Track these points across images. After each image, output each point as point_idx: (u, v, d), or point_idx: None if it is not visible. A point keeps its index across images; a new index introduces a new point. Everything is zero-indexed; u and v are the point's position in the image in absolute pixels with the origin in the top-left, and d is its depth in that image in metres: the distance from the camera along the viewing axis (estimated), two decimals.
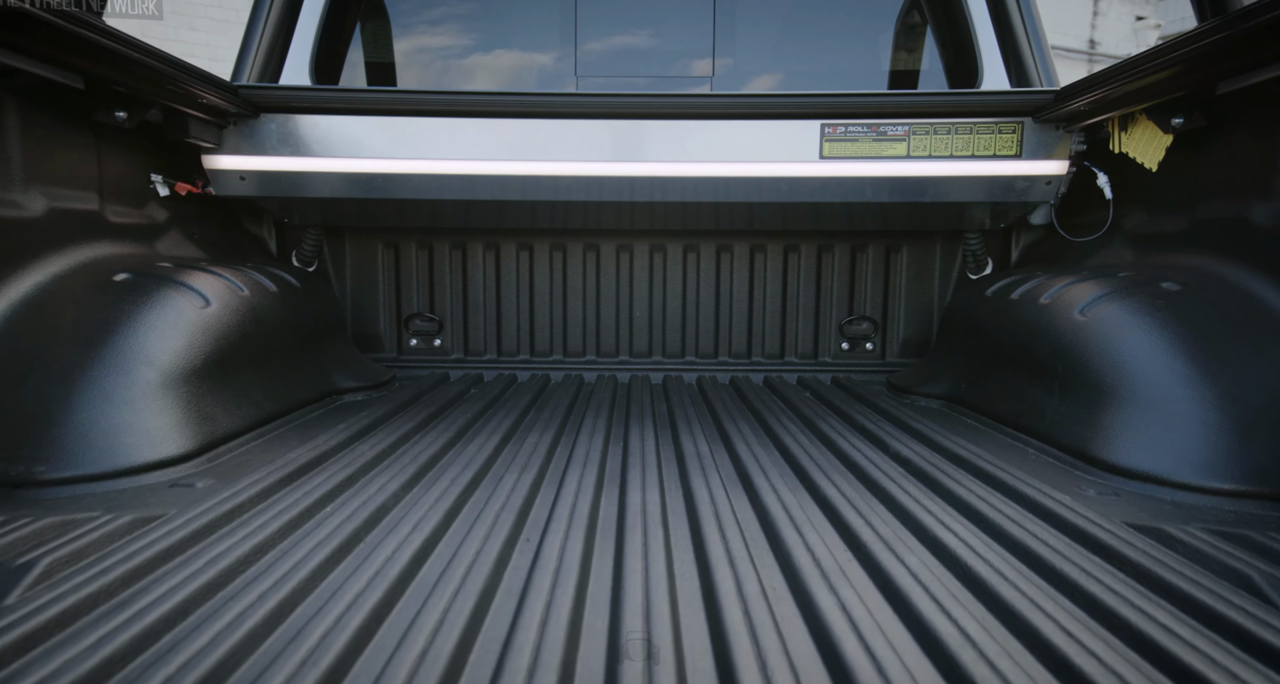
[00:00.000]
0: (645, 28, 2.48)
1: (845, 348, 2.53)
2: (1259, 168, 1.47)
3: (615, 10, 2.47)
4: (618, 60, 2.46)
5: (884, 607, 0.87)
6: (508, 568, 0.98)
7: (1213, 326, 1.38)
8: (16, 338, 1.33)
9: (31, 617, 0.78)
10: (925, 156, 1.99)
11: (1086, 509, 1.14)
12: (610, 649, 0.78)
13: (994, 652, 0.74)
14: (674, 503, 1.24)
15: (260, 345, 1.71)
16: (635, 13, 2.48)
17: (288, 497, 1.19)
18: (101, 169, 1.68)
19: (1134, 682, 0.68)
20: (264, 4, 2.16)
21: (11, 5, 1.22)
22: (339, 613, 0.81)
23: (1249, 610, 0.82)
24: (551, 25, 2.47)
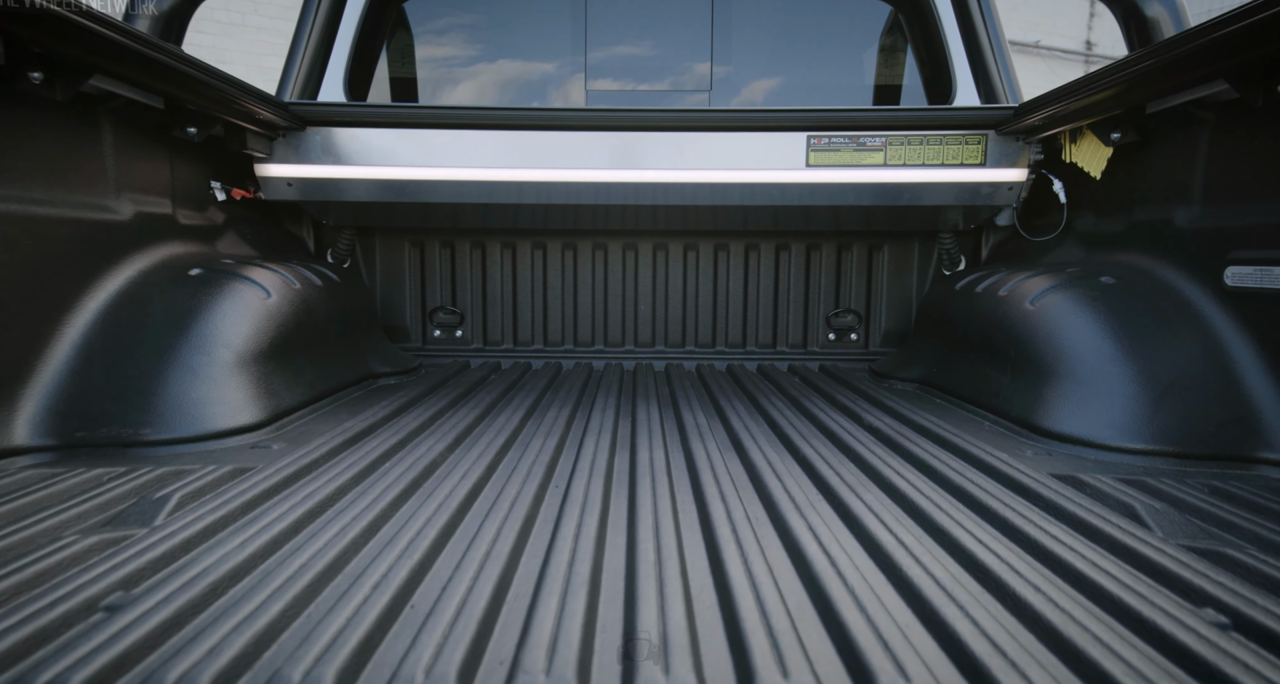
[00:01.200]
0: (649, 44, 2.71)
1: (832, 338, 2.77)
2: (1180, 177, 1.70)
3: (621, 27, 2.70)
4: (624, 73, 2.70)
5: (843, 530, 1.10)
6: (543, 504, 1.21)
7: (1137, 315, 1.62)
8: (119, 323, 1.56)
9: (177, 533, 1.01)
10: (900, 165, 2.23)
11: (1020, 464, 1.37)
12: (629, 557, 1.01)
13: (926, 559, 0.97)
14: (676, 460, 1.47)
15: (311, 333, 1.94)
16: (639, 30, 2.71)
17: (351, 455, 1.42)
18: (173, 177, 1.92)
19: (1030, 578, 0.91)
20: (305, 28, 2.39)
21: (117, 39, 1.45)
22: (414, 532, 1.05)
23: (1125, 528, 1.05)
24: (563, 42, 2.70)
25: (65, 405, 1.45)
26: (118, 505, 1.14)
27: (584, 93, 2.66)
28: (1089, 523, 1.08)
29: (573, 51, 2.66)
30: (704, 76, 2.69)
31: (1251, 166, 1.53)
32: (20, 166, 1.43)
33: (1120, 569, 0.92)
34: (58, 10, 1.29)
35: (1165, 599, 0.84)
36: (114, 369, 1.51)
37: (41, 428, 1.41)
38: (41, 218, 1.46)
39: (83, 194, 1.59)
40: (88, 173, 1.62)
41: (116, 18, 1.50)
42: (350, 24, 2.48)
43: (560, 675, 0.69)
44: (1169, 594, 0.85)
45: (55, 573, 0.90)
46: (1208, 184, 1.64)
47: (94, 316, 1.56)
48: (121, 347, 1.54)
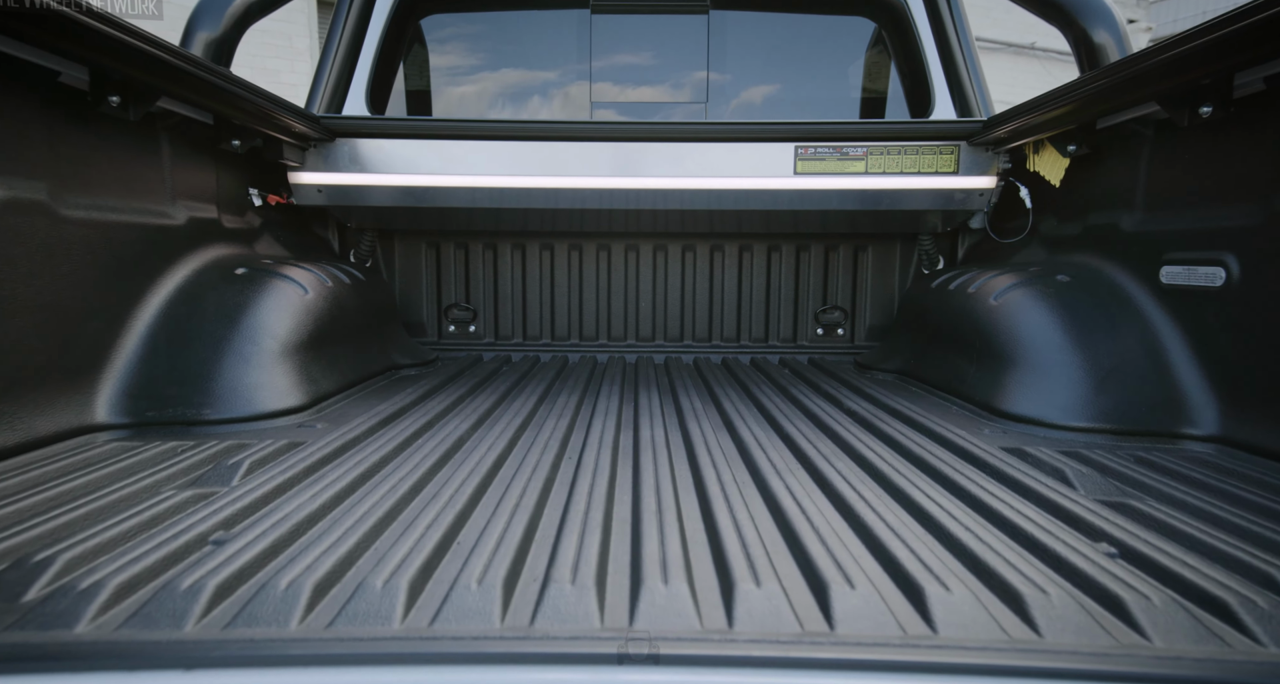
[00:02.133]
0: (648, 59, 2.90)
1: (820, 333, 2.96)
2: (1126, 186, 1.90)
3: (623, 45, 2.89)
4: (625, 87, 2.89)
5: (815, 489, 1.29)
6: (559, 471, 1.41)
7: (1085, 310, 1.81)
8: (178, 316, 1.76)
9: (254, 490, 1.20)
10: (880, 173, 2.42)
11: (976, 439, 1.57)
12: (634, 509, 1.20)
13: (881, 509, 1.16)
14: (674, 437, 1.67)
15: (342, 326, 2.14)
16: (640, 46, 2.90)
17: (388, 433, 1.62)
18: (218, 186, 2.11)
19: (963, 521, 1.10)
20: (333, 45, 2.59)
21: (182, 66, 1.65)
22: (453, 490, 1.24)
23: (1052, 487, 1.24)
24: (569, 58, 2.89)
25: (136, 389, 1.64)
26: (198, 470, 1.34)
27: (589, 105, 2.86)
28: (1023, 483, 1.28)
29: (578, 67, 2.85)
30: (700, 89, 2.88)
31: (1182, 178, 1.73)
32: (99, 179, 1.62)
33: (1040, 516, 1.12)
34: (139, 45, 1.48)
35: (1070, 536, 1.03)
36: (176, 357, 1.71)
37: (118, 408, 1.61)
38: (115, 223, 1.65)
39: (145, 202, 1.79)
40: (149, 183, 1.81)
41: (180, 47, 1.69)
42: (372, 41, 2.68)
43: (583, 584, 0.88)
44: (1074, 533, 1.05)
45: (165, 517, 1.10)
46: (1147, 193, 1.83)
47: (157, 311, 1.76)
48: (182, 337, 1.73)
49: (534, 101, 2.92)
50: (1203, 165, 1.66)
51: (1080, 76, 1.89)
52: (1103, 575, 0.90)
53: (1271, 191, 1.46)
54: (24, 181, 1.41)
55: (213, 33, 1.95)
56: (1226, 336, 1.56)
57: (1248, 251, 1.51)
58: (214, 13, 1.97)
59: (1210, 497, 1.21)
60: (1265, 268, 1.47)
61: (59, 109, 1.51)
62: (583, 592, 0.87)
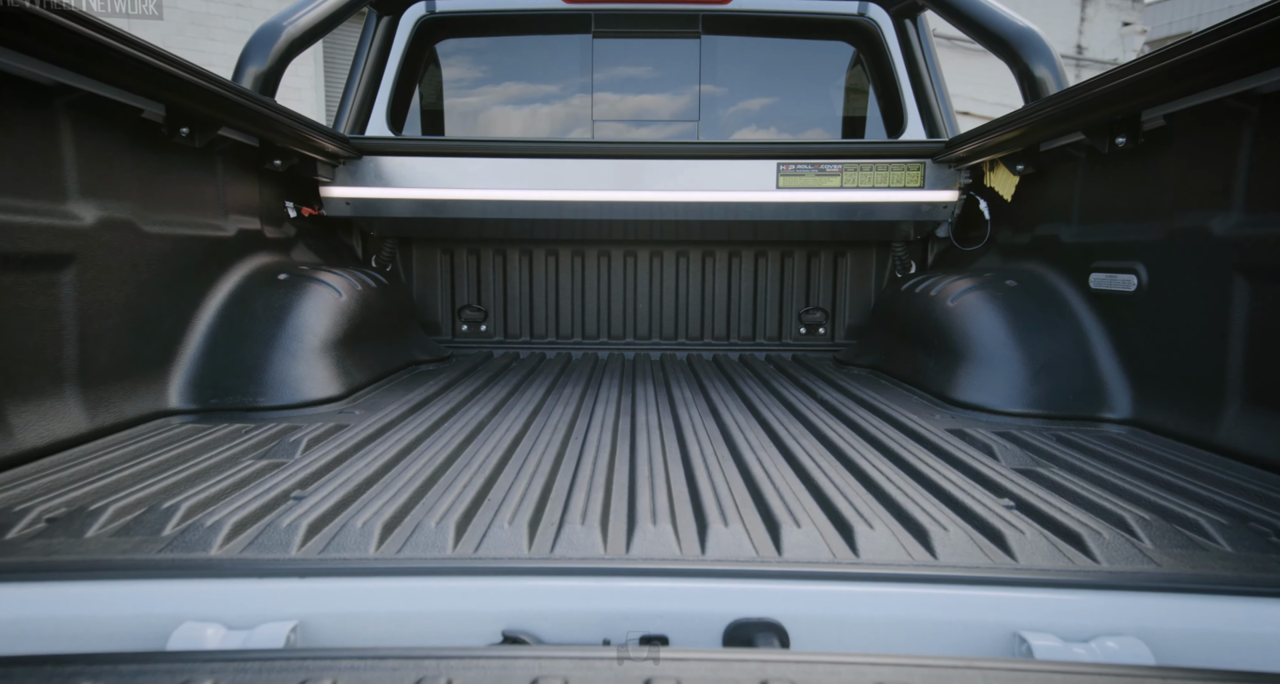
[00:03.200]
0: (646, 81, 3.16)
1: (803, 332, 3.22)
2: (1064, 202, 2.16)
3: (622, 68, 3.15)
4: (625, 107, 3.14)
5: (782, 461, 1.55)
6: (568, 448, 1.66)
7: (1027, 311, 2.07)
8: (233, 317, 2.01)
9: (317, 460, 1.46)
10: (854, 187, 2.68)
11: (926, 423, 1.83)
12: (631, 476, 1.46)
13: (833, 475, 1.41)
14: (666, 421, 1.93)
15: (370, 325, 2.39)
16: (638, 69, 3.16)
17: (418, 417, 1.87)
18: (260, 200, 2.37)
19: (896, 482, 1.36)
20: (358, 69, 2.84)
21: (239, 101, 1.90)
22: (480, 461, 1.49)
23: (978, 458, 1.50)
24: (572, 79, 3.15)
25: (200, 379, 1.90)
26: (264, 446, 1.59)
27: (590, 122, 3.11)
28: (955, 456, 1.54)
29: (580, 87, 3.11)
30: (693, 107, 3.14)
31: (1106, 197, 1.98)
32: (169, 198, 1.88)
33: (961, 479, 1.37)
34: (206, 85, 1.74)
35: (981, 493, 1.29)
36: (233, 352, 1.96)
37: (187, 396, 1.86)
38: (181, 236, 1.91)
39: (204, 217, 2.04)
40: (206, 200, 2.07)
41: (238, 84, 1.95)
42: (393, 65, 2.93)
43: (590, 525, 1.14)
44: (985, 491, 1.31)
45: (251, 479, 1.35)
46: (1081, 209, 2.09)
47: (215, 312, 2.01)
48: (237, 335, 1.99)
49: (540, 119, 3.17)
50: (1121, 186, 1.92)
51: (1025, 106, 2.15)
52: (994, 519, 1.16)
53: (1171, 210, 1.72)
54: (115, 203, 1.67)
55: (261, 67, 2.20)
56: (1139, 334, 1.82)
57: (1154, 262, 1.77)
58: (262, 49, 2.22)
59: (1104, 465, 1.47)
60: (1166, 276, 1.73)
61: (141, 140, 1.77)
62: (590, 530, 1.13)
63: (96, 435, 1.59)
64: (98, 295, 1.61)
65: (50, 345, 1.50)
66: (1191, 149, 1.68)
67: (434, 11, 2.98)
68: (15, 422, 1.40)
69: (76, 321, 1.55)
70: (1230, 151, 1.56)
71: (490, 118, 3.17)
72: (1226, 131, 1.57)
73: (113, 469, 1.38)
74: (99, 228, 1.61)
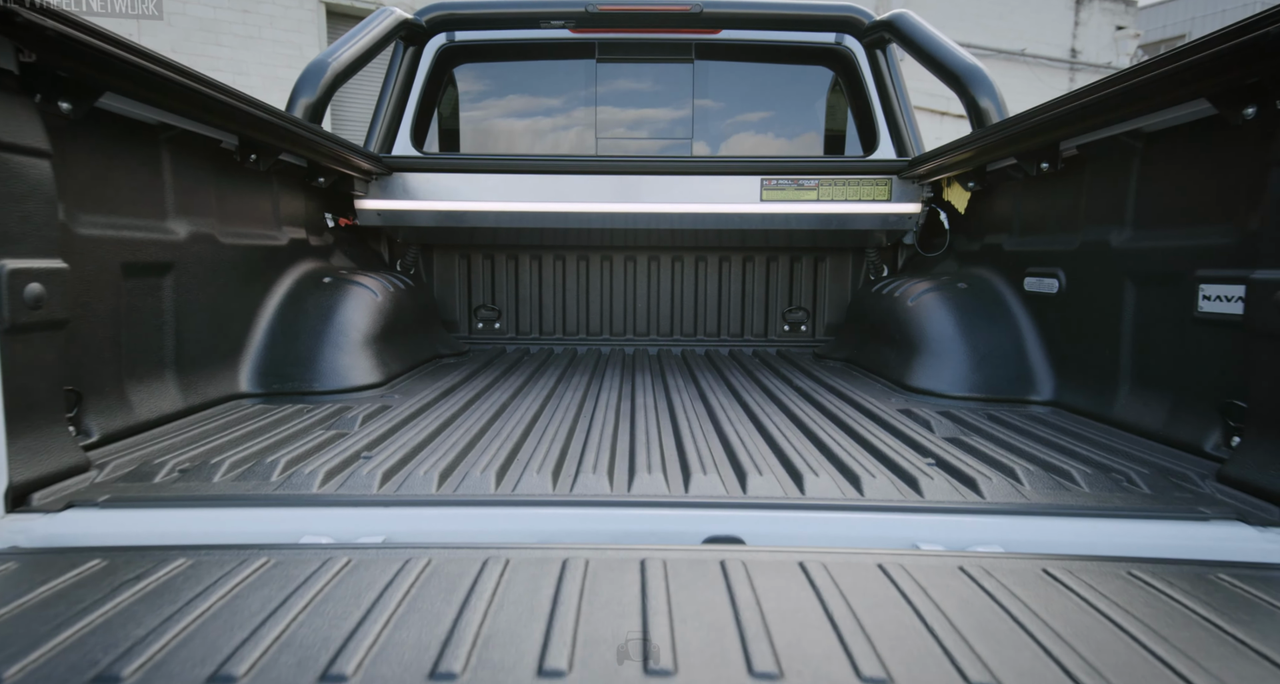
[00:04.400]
0: (645, 103, 3.49)
1: (786, 329, 3.55)
2: (1006, 215, 2.49)
3: (623, 91, 3.48)
4: (625, 124, 3.47)
5: (755, 433, 1.87)
6: (578, 423, 1.99)
7: (974, 310, 2.40)
8: (289, 315, 2.34)
9: (374, 431, 1.79)
10: (829, 200, 3.01)
11: (881, 404, 2.16)
12: (630, 445, 1.78)
13: (796, 442, 1.74)
14: (661, 404, 2.26)
15: (401, 323, 2.72)
16: (637, 91, 3.49)
17: (450, 400, 2.20)
18: (305, 212, 2.70)
19: (844, 446, 1.68)
20: (386, 93, 3.17)
21: (296, 131, 2.23)
22: (508, 433, 1.82)
23: (916, 429, 1.83)
24: (578, 100, 3.48)
25: (264, 368, 2.23)
26: (327, 421, 1.92)
27: (594, 140, 3.45)
28: (897, 428, 1.87)
29: (585, 108, 3.44)
30: (686, 126, 3.47)
31: (1037, 212, 2.32)
32: (238, 213, 2.21)
33: (897, 444, 1.71)
34: (271, 119, 2.06)
35: (910, 454, 1.62)
36: (289, 346, 2.29)
37: (254, 381, 2.20)
38: (247, 246, 2.24)
39: (263, 228, 2.38)
40: (265, 213, 2.40)
41: (292, 114, 2.28)
42: (416, 89, 3.27)
43: (600, 474, 1.47)
44: (914, 453, 1.64)
45: (326, 444, 1.68)
46: (1019, 221, 2.42)
47: (273, 311, 2.34)
48: (292, 331, 2.32)
49: (548, 137, 3.50)
50: (1047, 204, 2.25)
51: (972, 132, 2.48)
52: (914, 470, 1.49)
53: (1083, 225, 2.05)
54: (200, 219, 2.00)
55: (310, 98, 2.53)
56: (1059, 330, 2.16)
57: (1070, 268, 2.10)
58: (311, 82, 2.55)
59: (1015, 434, 1.80)
60: (1078, 280, 2.06)
61: (218, 166, 2.10)
62: (600, 477, 1.46)
63: (188, 412, 1.92)
64: (188, 297, 1.94)
65: (156, 339, 1.83)
66: (1097, 175, 2.02)
67: (453, 40, 3.31)
68: (134, 399, 1.73)
69: (174, 319, 1.88)
70: (1124, 178, 1.89)
71: (502, 136, 3.50)
72: (1121, 162, 1.90)
73: (213, 437, 1.71)
74: (189, 240, 1.94)
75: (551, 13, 3.20)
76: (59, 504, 1.25)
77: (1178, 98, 1.58)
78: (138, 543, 1.14)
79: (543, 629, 0.85)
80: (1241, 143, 1.51)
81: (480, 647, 0.81)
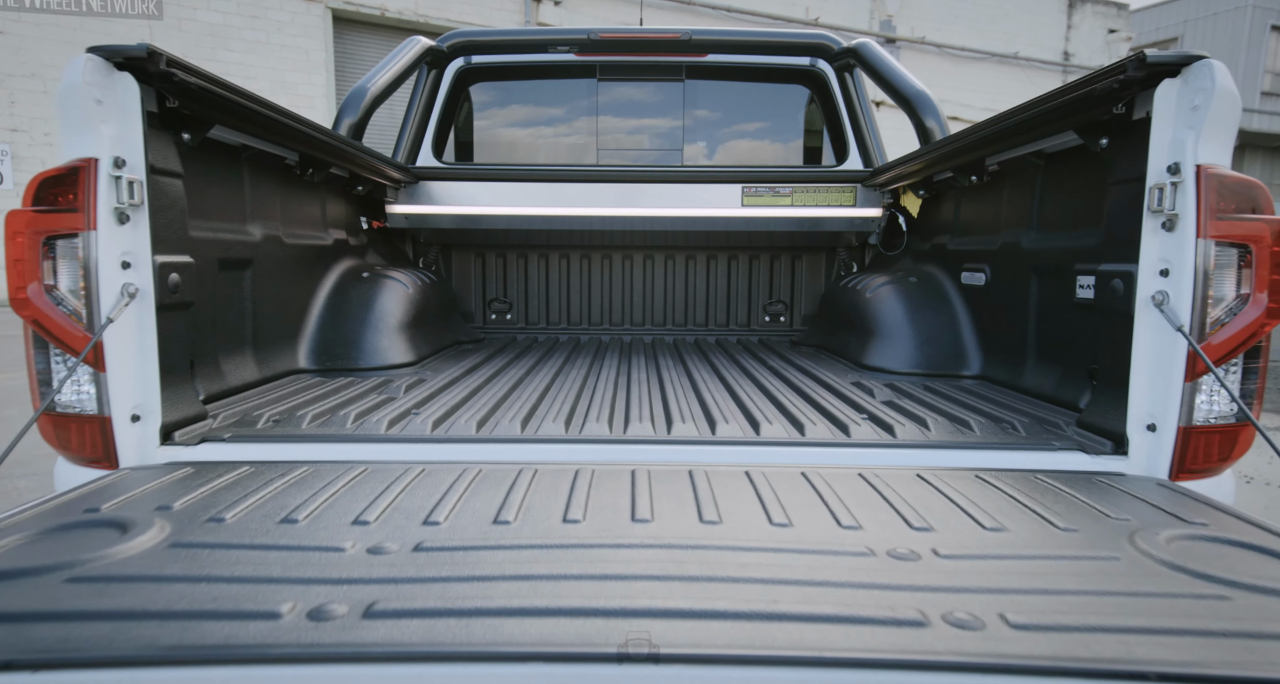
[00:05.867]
0: (641, 119, 3.90)
1: (767, 320, 3.97)
2: (948, 219, 2.91)
3: (621, 108, 3.89)
4: (623, 135, 3.89)
5: (729, 399, 2.28)
6: (583, 393, 2.40)
7: (920, 300, 2.82)
8: (335, 304, 2.75)
9: (417, 396, 2.20)
10: (803, 205, 3.43)
11: (838, 378, 2.57)
12: (626, 409, 2.19)
13: (761, 404, 2.15)
14: (653, 379, 2.67)
15: (428, 312, 3.13)
16: (634, 105, 3.90)
17: (474, 376, 2.61)
18: (345, 216, 3.11)
19: (799, 406, 2.09)
20: (412, 112, 3.58)
21: (342, 147, 2.64)
22: (527, 396, 2.23)
23: (862, 396, 2.24)
24: (581, 114, 3.89)
25: (318, 349, 2.64)
26: (376, 390, 2.33)
27: (595, 150, 3.86)
28: (845, 394, 2.28)
29: (587, 121, 3.85)
30: (677, 137, 3.88)
31: (971, 217, 2.73)
32: (297, 218, 2.62)
33: (843, 404, 2.12)
34: (325, 139, 2.48)
35: (850, 411, 2.03)
36: (337, 330, 2.70)
37: (310, 359, 2.61)
38: (303, 245, 2.65)
39: (314, 231, 2.79)
40: (315, 217, 2.81)
41: (338, 133, 2.69)
42: (437, 106, 3.68)
43: (602, 422, 1.89)
44: (853, 410, 2.05)
45: (380, 405, 2.10)
46: (958, 225, 2.84)
47: (323, 300, 2.75)
48: (340, 317, 2.73)
49: (554, 148, 3.91)
50: (977, 211, 2.67)
51: (920, 148, 2.89)
52: (848, 421, 1.90)
53: (1002, 229, 2.47)
54: (270, 223, 2.41)
55: (353, 118, 2.95)
56: (985, 316, 2.57)
57: (993, 265, 2.51)
58: (354, 105, 2.97)
59: (941, 399, 2.22)
60: (999, 275, 2.48)
61: (282, 179, 2.51)
62: (602, 424, 1.88)
63: (261, 383, 2.34)
64: (261, 288, 2.35)
65: (240, 321, 2.25)
66: (1013, 187, 2.43)
67: (470, 62, 3.73)
68: (225, 369, 2.15)
69: (252, 306, 2.30)
70: (1030, 191, 2.31)
71: (513, 147, 3.91)
72: (1029, 177, 2.32)
73: (289, 399, 2.12)
74: (263, 241, 2.35)
75: (558, 39, 3.61)
76: (195, 440, 1.67)
77: (1058, 128, 1.99)
78: (266, 459, 1.56)
79: (564, 502, 1.26)
80: (1101, 166, 1.93)
81: (523, 510, 1.22)
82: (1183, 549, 1.04)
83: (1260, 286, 1.48)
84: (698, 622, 0.84)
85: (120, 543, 1.04)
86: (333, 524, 1.15)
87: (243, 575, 0.94)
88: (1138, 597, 0.89)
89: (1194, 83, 1.47)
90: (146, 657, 0.75)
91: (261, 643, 0.78)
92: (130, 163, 1.55)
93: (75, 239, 1.50)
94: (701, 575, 0.96)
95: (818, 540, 1.10)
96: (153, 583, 0.92)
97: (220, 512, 1.19)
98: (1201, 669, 0.74)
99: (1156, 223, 1.54)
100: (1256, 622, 0.83)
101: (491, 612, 0.85)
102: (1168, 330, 1.50)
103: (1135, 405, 1.59)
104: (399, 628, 0.81)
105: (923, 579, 0.96)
